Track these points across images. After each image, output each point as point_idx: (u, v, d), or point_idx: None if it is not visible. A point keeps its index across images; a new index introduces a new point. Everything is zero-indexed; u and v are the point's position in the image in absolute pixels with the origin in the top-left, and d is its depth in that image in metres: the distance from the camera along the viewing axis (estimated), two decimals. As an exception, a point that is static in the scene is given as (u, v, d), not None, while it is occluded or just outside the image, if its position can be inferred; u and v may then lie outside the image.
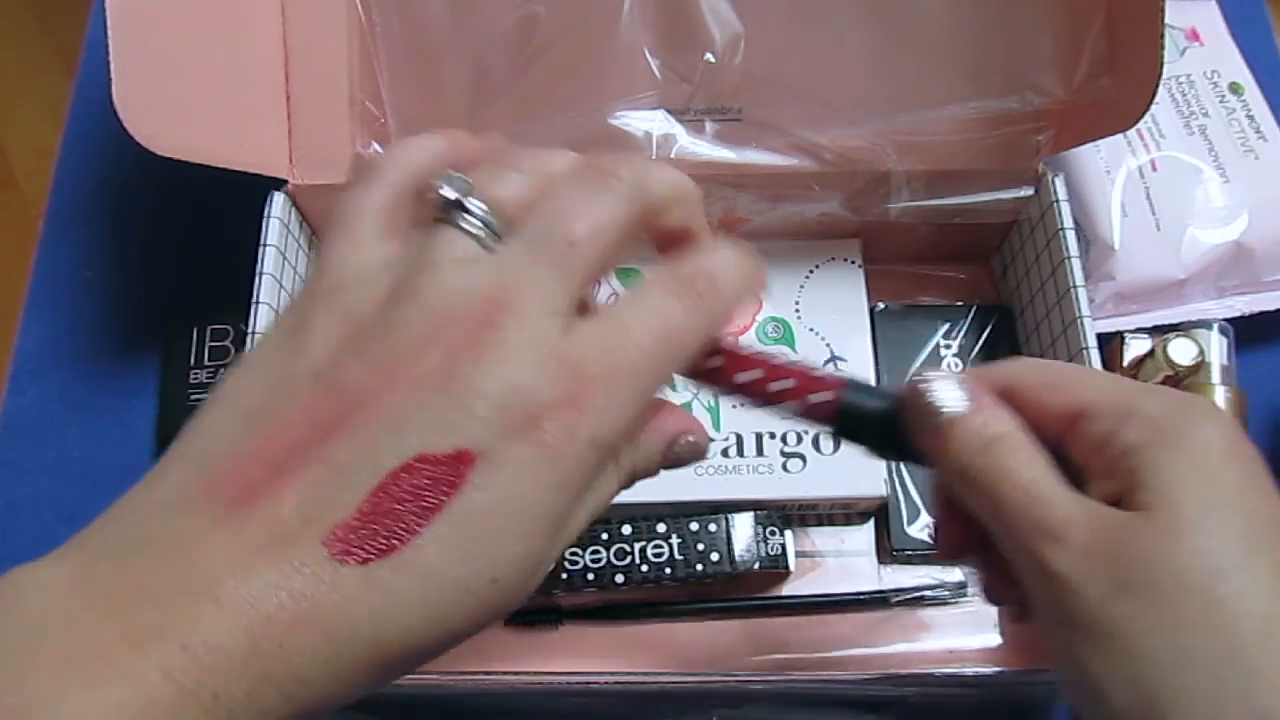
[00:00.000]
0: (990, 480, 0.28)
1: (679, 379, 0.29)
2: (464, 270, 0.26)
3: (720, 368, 0.30)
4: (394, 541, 0.24)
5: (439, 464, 0.24)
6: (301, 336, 0.26)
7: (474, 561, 0.24)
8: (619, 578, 0.46)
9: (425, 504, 0.24)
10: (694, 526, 0.47)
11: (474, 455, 0.24)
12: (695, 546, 0.46)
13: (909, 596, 0.48)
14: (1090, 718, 0.27)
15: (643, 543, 0.47)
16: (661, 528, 0.47)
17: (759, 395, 0.31)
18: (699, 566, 0.46)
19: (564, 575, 0.46)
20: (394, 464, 0.24)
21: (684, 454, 0.30)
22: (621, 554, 0.46)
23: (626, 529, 0.47)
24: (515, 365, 0.25)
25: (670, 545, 0.46)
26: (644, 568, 0.46)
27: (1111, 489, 0.27)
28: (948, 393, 0.29)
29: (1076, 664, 0.26)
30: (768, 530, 0.47)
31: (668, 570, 0.46)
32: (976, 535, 0.30)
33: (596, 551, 0.46)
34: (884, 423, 0.30)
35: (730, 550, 0.46)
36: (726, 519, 0.47)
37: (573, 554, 0.46)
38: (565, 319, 0.26)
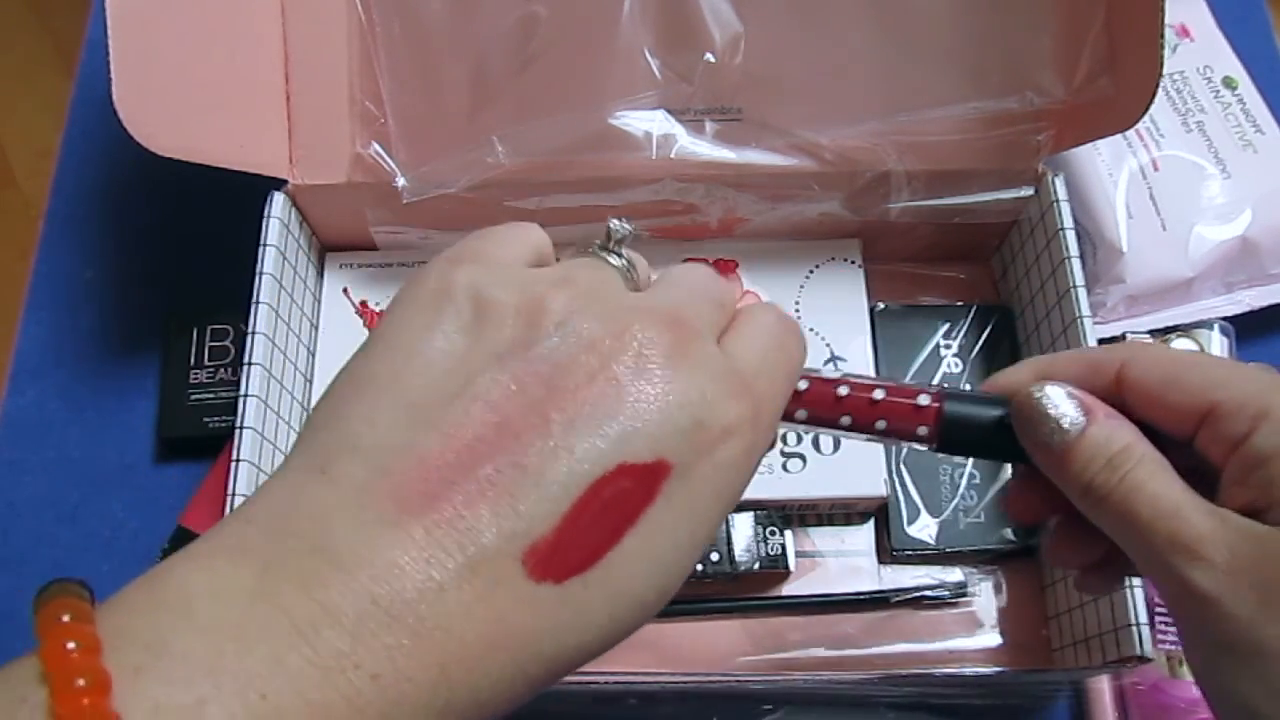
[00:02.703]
0: (1119, 497, 0.27)
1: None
2: (629, 284, 0.27)
3: (809, 416, 0.30)
4: (592, 559, 0.23)
5: (637, 474, 0.23)
6: (486, 325, 0.24)
7: (654, 577, 0.24)
8: None
9: (622, 517, 0.23)
10: None
11: (670, 466, 0.24)
12: None
13: (909, 596, 0.48)
14: None
15: None
16: None
17: (859, 430, 0.31)
18: (699, 566, 0.46)
19: None
20: (596, 472, 0.23)
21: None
22: None
23: None
24: (707, 380, 0.24)
25: None
26: None
27: (1247, 498, 0.26)
28: (1063, 406, 0.28)
29: (1224, 684, 0.26)
30: (768, 530, 0.47)
31: None
32: (1052, 502, 0.30)
33: None
34: (988, 433, 0.30)
35: (730, 550, 0.46)
36: (726, 519, 0.47)
37: None
38: (719, 342, 0.26)
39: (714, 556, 0.46)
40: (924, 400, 0.30)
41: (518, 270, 0.26)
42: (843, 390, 0.30)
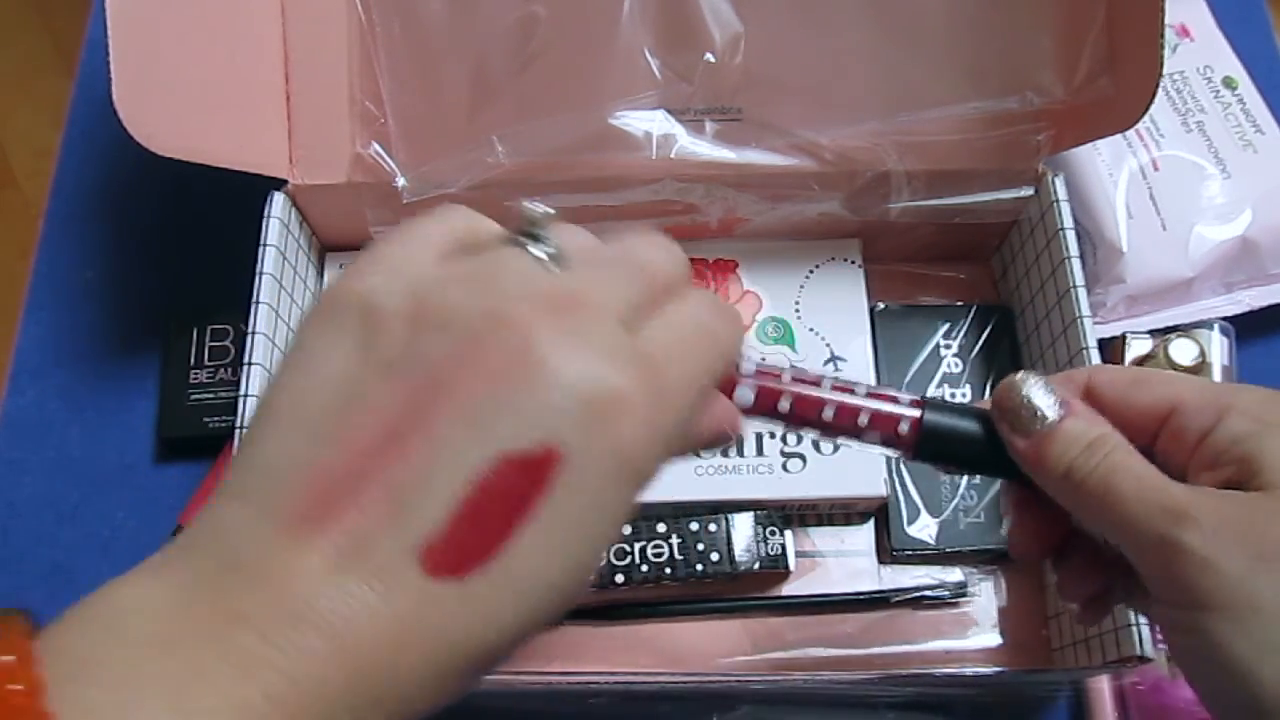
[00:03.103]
0: (1100, 477, 0.28)
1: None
2: (537, 270, 0.25)
3: (791, 408, 0.31)
4: (488, 552, 0.23)
5: (524, 464, 0.23)
6: (372, 334, 0.25)
7: (564, 561, 0.24)
8: (619, 577, 0.46)
9: (515, 507, 0.23)
10: (694, 526, 0.47)
11: (559, 453, 0.24)
12: (695, 546, 0.46)
13: (909, 596, 0.48)
14: (1229, 705, 0.27)
15: (642, 542, 0.46)
16: (661, 528, 0.47)
17: (834, 432, 0.31)
18: (699, 566, 0.46)
19: None
20: (479, 464, 0.23)
21: (717, 444, 0.31)
22: (621, 554, 0.46)
23: (626, 529, 0.47)
24: (596, 359, 0.24)
25: (670, 545, 0.46)
26: (644, 567, 0.46)
27: (1219, 478, 0.28)
28: (1043, 398, 0.30)
29: (1216, 646, 0.26)
30: (768, 530, 0.47)
31: (668, 570, 0.46)
32: (1052, 535, 0.32)
33: None
34: (966, 441, 0.31)
35: (730, 550, 0.46)
36: (726, 519, 0.47)
37: None
38: (633, 323, 0.26)
39: (714, 556, 0.46)
40: (905, 400, 0.31)
41: (414, 270, 0.26)
42: (825, 384, 0.31)
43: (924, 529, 0.48)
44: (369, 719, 0.22)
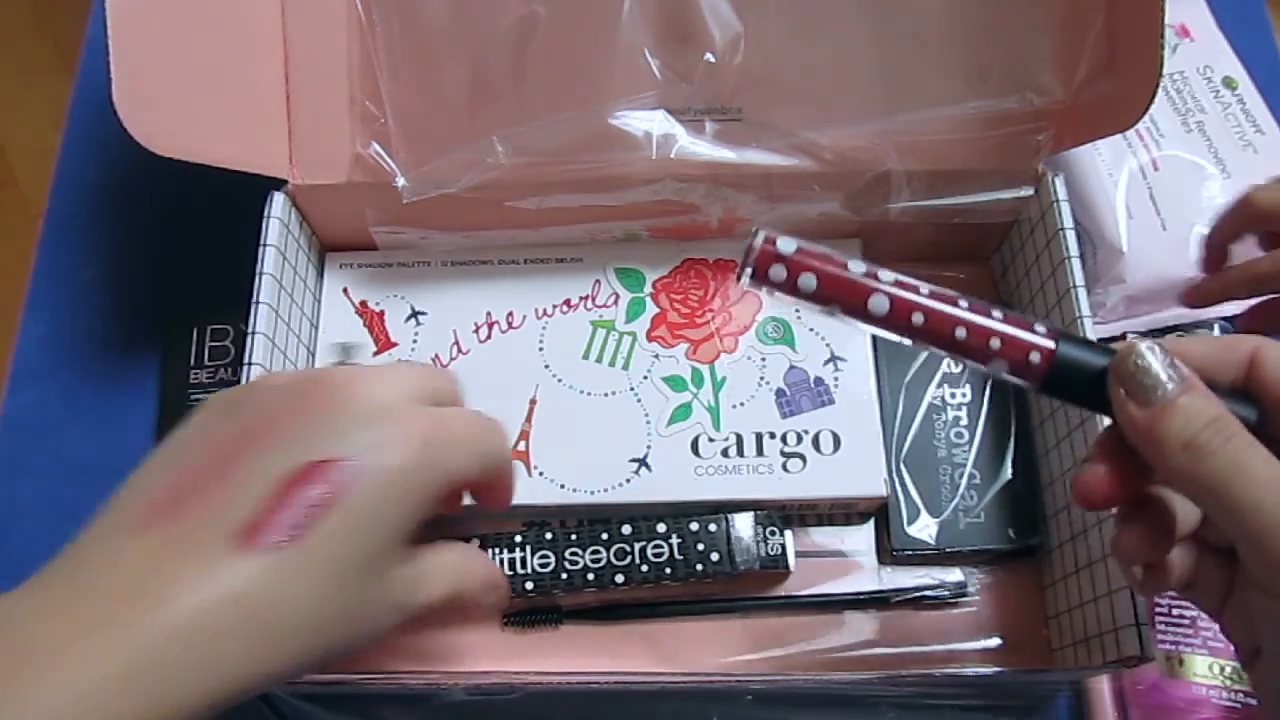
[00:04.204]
0: (1229, 456, 0.28)
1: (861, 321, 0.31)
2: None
3: (925, 322, 0.30)
4: (292, 533, 0.30)
5: (319, 469, 0.31)
6: (222, 403, 0.34)
7: (353, 553, 0.31)
8: (619, 577, 0.46)
9: (314, 502, 0.30)
10: (694, 526, 0.47)
11: (345, 462, 0.31)
12: (695, 546, 0.46)
13: (909, 596, 0.48)
14: None
15: (643, 543, 0.46)
16: (661, 528, 0.47)
17: (962, 352, 0.31)
18: (699, 566, 0.46)
19: (564, 575, 0.46)
20: (282, 473, 0.31)
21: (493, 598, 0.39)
22: (621, 554, 0.46)
23: (626, 529, 0.47)
24: (382, 397, 0.33)
25: (670, 545, 0.46)
26: (644, 568, 0.46)
27: None
28: (1163, 368, 0.29)
29: None
30: (768, 530, 0.47)
31: (668, 570, 0.46)
32: (1127, 489, 0.31)
33: (596, 551, 0.46)
34: (1095, 380, 0.30)
35: (730, 550, 0.46)
36: (726, 519, 0.47)
37: (573, 554, 0.46)
38: (421, 397, 0.35)
39: (714, 556, 0.46)
40: (1041, 330, 0.30)
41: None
42: (962, 305, 0.30)
43: (924, 529, 0.48)
44: (194, 672, 0.28)
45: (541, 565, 0.46)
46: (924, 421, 0.50)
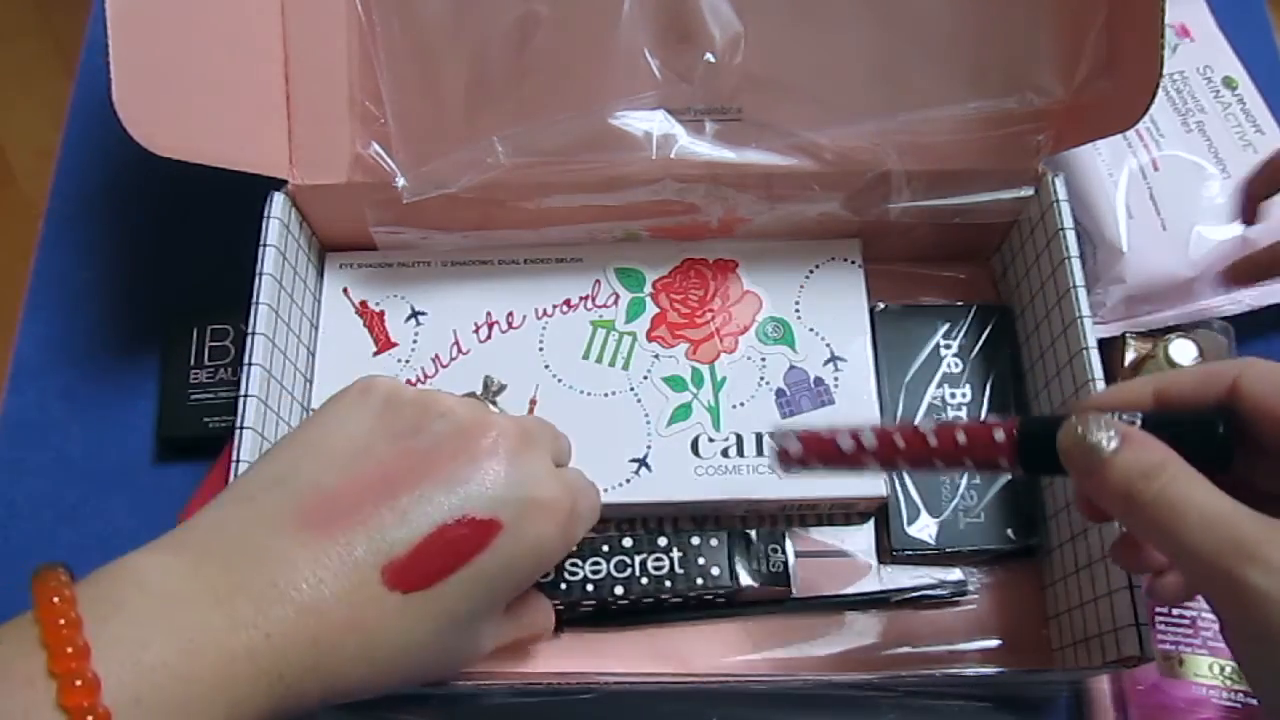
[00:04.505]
0: (1161, 505, 0.29)
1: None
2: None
3: (897, 454, 0.36)
4: (428, 578, 0.32)
5: (476, 526, 0.33)
6: (390, 413, 0.35)
7: (472, 604, 0.34)
8: (618, 589, 0.45)
9: (459, 554, 0.32)
10: (695, 540, 0.46)
11: (501, 525, 0.33)
12: (696, 561, 0.46)
13: (909, 596, 0.48)
14: None
15: (643, 555, 0.46)
16: (663, 541, 0.46)
17: (943, 456, 0.35)
18: (699, 580, 0.46)
19: (563, 585, 0.46)
20: (446, 517, 0.33)
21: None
22: (621, 566, 0.46)
23: (627, 541, 0.46)
24: (541, 472, 0.36)
25: (671, 559, 0.46)
26: (644, 580, 0.45)
27: None
28: (1097, 433, 0.31)
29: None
30: (769, 547, 0.47)
31: (667, 584, 0.45)
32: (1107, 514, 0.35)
33: (596, 563, 0.46)
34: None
35: (732, 566, 0.46)
36: (729, 535, 0.46)
37: (572, 564, 0.46)
38: (555, 460, 0.39)
39: (714, 571, 0.45)
40: (996, 423, 0.34)
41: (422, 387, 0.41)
42: (924, 427, 0.35)
43: (924, 529, 0.48)
44: (314, 683, 0.30)
45: (541, 576, 0.46)
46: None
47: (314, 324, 0.52)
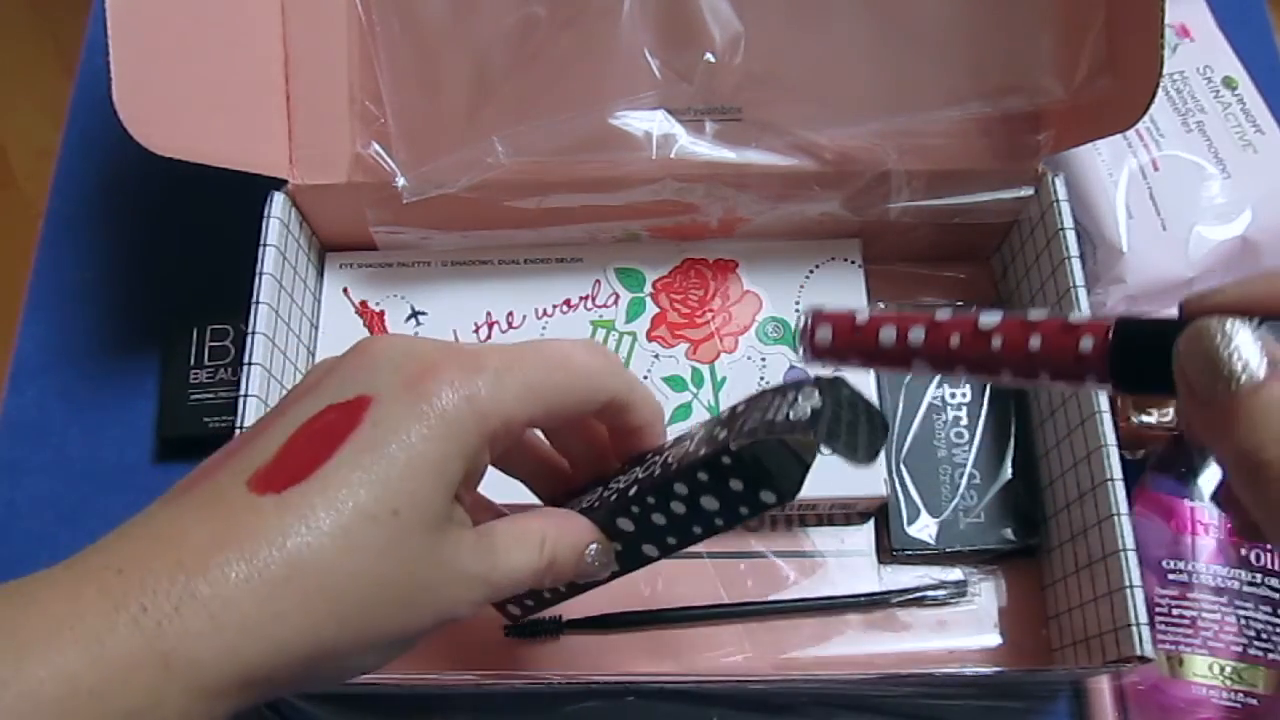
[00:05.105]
0: None
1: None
2: None
3: (960, 344, 0.28)
4: (302, 471, 0.27)
5: (342, 408, 0.29)
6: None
7: (371, 489, 0.27)
8: (648, 548, 0.36)
9: (329, 440, 0.28)
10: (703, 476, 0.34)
11: (370, 398, 0.29)
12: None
13: (909, 596, 0.48)
14: None
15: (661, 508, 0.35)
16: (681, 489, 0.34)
17: (1013, 366, 0.27)
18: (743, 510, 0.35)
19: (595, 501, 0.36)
20: (306, 416, 0.29)
21: (593, 562, 0.34)
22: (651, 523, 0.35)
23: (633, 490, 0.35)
24: (418, 342, 0.30)
25: (688, 499, 0.34)
26: (672, 539, 0.36)
27: None
28: (1245, 351, 0.23)
29: None
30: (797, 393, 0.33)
31: (696, 530, 0.35)
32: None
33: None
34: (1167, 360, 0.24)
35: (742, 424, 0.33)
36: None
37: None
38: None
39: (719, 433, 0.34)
40: (1083, 324, 0.26)
41: None
42: (988, 319, 0.28)
43: (924, 529, 0.48)
44: (195, 615, 0.25)
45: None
46: (924, 421, 0.50)
47: (314, 324, 0.52)
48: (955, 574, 0.49)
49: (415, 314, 0.52)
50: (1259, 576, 0.46)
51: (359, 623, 0.27)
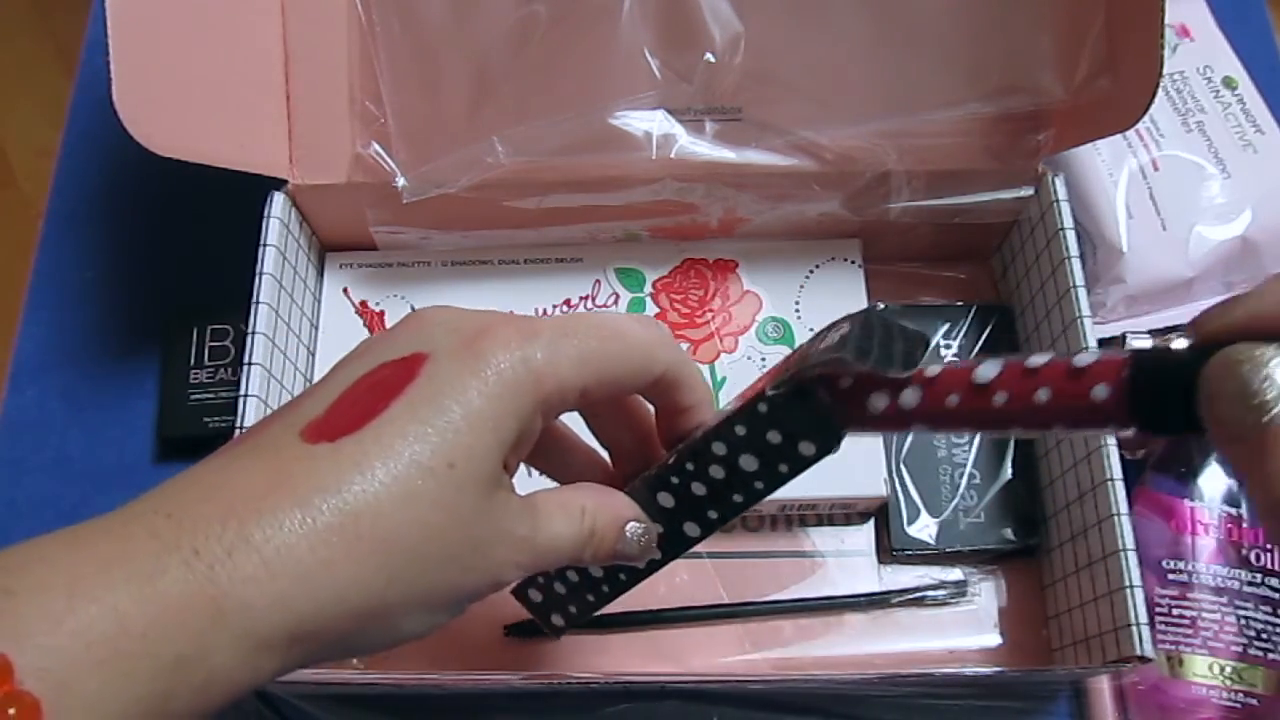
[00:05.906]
0: None
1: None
2: None
3: (959, 403, 0.27)
4: (357, 422, 0.27)
5: (397, 364, 0.29)
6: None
7: (428, 441, 0.27)
8: (689, 528, 0.35)
9: (385, 393, 0.28)
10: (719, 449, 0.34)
11: (424, 355, 0.29)
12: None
13: (909, 596, 0.48)
14: None
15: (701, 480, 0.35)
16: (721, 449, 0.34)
17: (1021, 419, 0.26)
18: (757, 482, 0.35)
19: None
20: (361, 372, 0.29)
21: (634, 541, 0.33)
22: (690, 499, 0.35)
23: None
24: (471, 310, 0.31)
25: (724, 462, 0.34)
26: (711, 513, 0.35)
27: None
28: (1276, 376, 0.21)
29: None
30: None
31: (736, 497, 0.35)
32: None
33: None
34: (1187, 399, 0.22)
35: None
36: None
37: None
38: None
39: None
40: (1095, 366, 0.24)
41: None
42: (986, 371, 0.26)
43: (924, 529, 0.48)
44: (247, 558, 0.24)
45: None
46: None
47: (314, 324, 0.52)
48: (955, 574, 0.49)
49: (415, 314, 0.52)
50: (1259, 576, 0.46)
51: (410, 576, 0.27)
